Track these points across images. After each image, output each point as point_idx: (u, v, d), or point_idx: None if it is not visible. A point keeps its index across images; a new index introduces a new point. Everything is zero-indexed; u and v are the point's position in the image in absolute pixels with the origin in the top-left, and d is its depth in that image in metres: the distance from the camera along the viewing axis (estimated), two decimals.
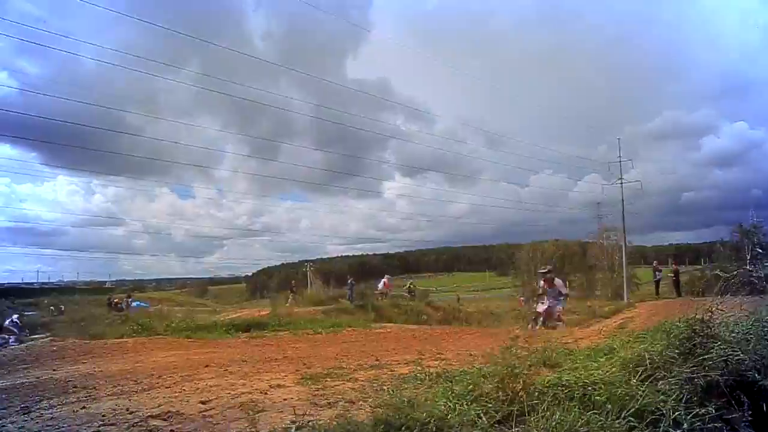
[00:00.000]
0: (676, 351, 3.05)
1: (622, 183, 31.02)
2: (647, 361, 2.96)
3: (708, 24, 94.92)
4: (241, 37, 79.83)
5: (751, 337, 3.44)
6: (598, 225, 38.31)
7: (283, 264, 70.11)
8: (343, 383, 3.43)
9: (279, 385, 3.32)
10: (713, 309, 3.19)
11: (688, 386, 2.79)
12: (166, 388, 3.36)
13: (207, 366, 4.26)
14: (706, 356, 3.01)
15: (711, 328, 3.12)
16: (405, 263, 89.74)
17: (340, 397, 2.92)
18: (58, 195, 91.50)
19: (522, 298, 25.80)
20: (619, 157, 31.24)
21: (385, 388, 3.13)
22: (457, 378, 3.15)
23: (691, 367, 2.91)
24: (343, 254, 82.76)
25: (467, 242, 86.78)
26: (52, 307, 23.11)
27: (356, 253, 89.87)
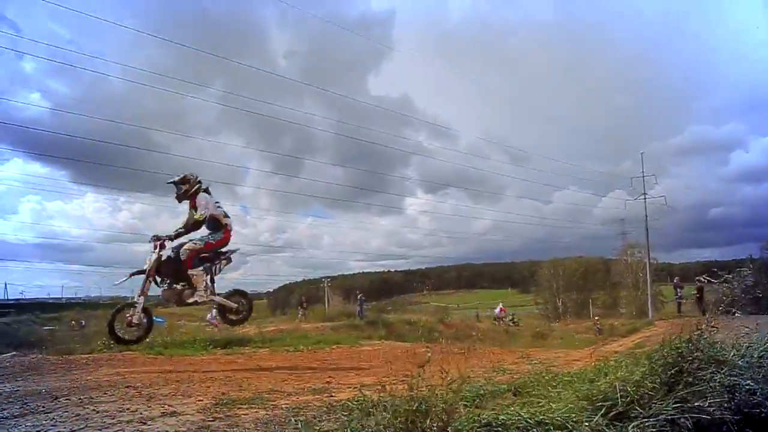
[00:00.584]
0: (658, 380, 2.38)
1: (645, 198, 29.80)
2: (618, 394, 2.30)
3: (735, 38, 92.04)
4: (265, 56, 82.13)
5: (765, 363, 2.75)
6: (622, 241, 36.73)
7: (304, 280, 69.96)
8: (257, 411, 2.87)
9: (175, 413, 2.78)
10: (704, 327, 2.52)
11: (668, 428, 2.13)
12: (48, 413, 2.87)
13: (128, 386, 3.77)
14: (698, 387, 2.34)
15: (702, 351, 2.44)
16: (426, 280, 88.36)
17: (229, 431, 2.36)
18: (86, 212, 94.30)
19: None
20: (643, 172, 30.10)
21: (293, 420, 2.57)
22: (395, 408, 2.55)
23: (676, 402, 2.24)
24: (365, 270, 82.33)
25: (489, 259, 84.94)
26: (73, 322, 23.30)
27: (378, 270, 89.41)
